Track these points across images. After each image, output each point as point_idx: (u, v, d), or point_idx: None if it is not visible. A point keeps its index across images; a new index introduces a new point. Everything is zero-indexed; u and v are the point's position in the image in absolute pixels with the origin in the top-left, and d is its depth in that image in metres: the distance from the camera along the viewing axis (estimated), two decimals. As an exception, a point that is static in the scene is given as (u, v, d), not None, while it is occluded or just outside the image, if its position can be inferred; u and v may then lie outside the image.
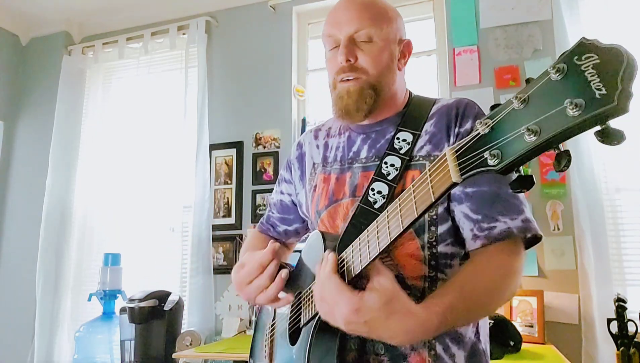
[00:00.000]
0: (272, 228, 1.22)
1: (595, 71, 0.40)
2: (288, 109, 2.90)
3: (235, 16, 3.12)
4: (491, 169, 0.48)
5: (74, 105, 3.29)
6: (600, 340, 2.06)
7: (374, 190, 0.91)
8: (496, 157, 0.47)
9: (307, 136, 1.16)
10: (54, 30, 3.45)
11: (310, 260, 0.93)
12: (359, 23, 0.95)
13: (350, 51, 0.95)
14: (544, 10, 2.48)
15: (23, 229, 3.23)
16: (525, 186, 0.48)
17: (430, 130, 0.95)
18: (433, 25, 2.78)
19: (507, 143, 0.46)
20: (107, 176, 3.20)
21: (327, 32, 1.00)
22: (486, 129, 0.48)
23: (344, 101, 0.96)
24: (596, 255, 2.15)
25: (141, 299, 2.47)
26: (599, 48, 0.41)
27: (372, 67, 0.96)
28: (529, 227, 0.84)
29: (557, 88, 0.43)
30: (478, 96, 2.51)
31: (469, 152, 0.50)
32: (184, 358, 2.21)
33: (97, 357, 2.67)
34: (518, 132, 0.45)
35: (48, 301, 3.01)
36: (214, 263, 2.83)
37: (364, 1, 0.98)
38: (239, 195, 2.89)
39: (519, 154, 0.45)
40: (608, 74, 0.39)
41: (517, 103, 0.45)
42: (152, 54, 3.22)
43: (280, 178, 1.21)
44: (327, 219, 0.99)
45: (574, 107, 0.40)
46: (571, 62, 0.42)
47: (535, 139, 0.43)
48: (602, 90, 0.39)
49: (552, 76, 0.43)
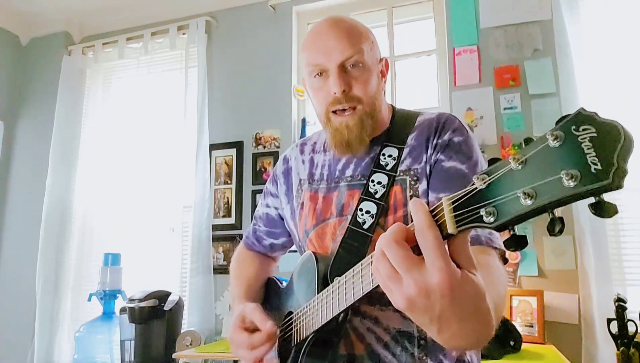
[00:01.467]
0: (257, 242, 1.21)
1: (591, 144, 0.41)
2: (288, 109, 2.90)
3: (235, 16, 3.12)
4: (486, 225, 0.49)
5: (74, 105, 3.29)
6: (600, 340, 2.06)
7: (363, 210, 0.91)
8: (492, 215, 0.48)
9: (293, 151, 1.15)
10: (54, 30, 3.45)
11: (302, 281, 0.93)
12: (349, 50, 0.92)
13: (345, 81, 0.92)
14: (544, 10, 2.48)
15: (23, 229, 3.23)
16: (519, 245, 0.49)
17: (411, 143, 0.96)
18: (433, 25, 2.78)
19: (503, 203, 0.47)
20: (107, 176, 3.20)
21: (312, 62, 0.96)
22: (483, 185, 0.49)
23: (344, 135, 0.95)
24: (596, 254, 2.15)
25: (141, 299, 2.46)
26: (596, 122, 0.42)
27: (366, 94, 0.94)
28: (492, 239, 0.84)
29: (554, 155, 0.44)
30: (478, 95, 2.51)
31: (466, 206, 0.51)
32: (184, 358, 2.22)
33: (97, 357, 2.67)
34: (514, 194, 0.46)
35: (48, 301, 3.01)
36: (214, 263, 2.83)
37: (346, 25, 0.95)
38: (239, 195, 2.90)
39: (515, 216, 0.46)
40: (604, 150, 0.41)
41: (515, 164, 0.47)
42: (152, 54, 3.22)
43: (265, 191, 1.20)
44: (315, 239, 0.99)
45: (570, 178, 0.42)
46: (569, 132, 0.43)
47: (531, 204, 0.45)
48: (598, 165, 0.40)
49: (550, 142, 0.44)
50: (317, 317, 0.83)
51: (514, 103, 2.45)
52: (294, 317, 0.93)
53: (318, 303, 0.83)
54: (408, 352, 0.87)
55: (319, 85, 0.96)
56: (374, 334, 0.89)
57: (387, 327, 0.88)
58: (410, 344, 0.87)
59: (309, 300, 0.88)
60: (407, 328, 0.87)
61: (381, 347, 0.88)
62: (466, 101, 2.52)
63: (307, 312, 0.87)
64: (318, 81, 0.96)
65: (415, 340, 0.87)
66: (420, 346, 0.87)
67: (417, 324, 0.64)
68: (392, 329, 0.88)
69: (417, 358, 0.86)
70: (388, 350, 0.87)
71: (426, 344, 0.87)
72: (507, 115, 2.45)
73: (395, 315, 0.88)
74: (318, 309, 0.83)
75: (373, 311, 0.89)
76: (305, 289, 0.91)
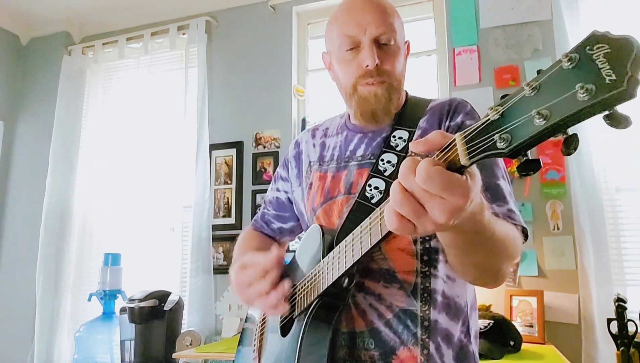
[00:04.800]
0: (266, 225, 1.21)
1: (605, 59, 0.42)
2: (288, 109, 2.90)
3: (235, 16, 3.12)
4: (500, 152, 0.48)
5: (74, 105, 3.29)
6: (600, 340, 2.06)
7: (371, 186, 0.91)
8: (505, 140, 0.48)
9: (304, 134, 1.16)
10: (54, 30, 3.45)
11: (307, 252, 0.92)
12: (383, 26, 0.95)
13: (378, 54, 0.94)
14: (543, 10, 2.48)
15: (23, 229, 3.23)
16: (532, 169, 0.50)
17: (423, 126, 0.97)
18: (433, 25, 2.78)
19: (516, 126, 0.47)
20: (107, 175, 3.20)
21: (345, 32, 0.97)
22: (496, 115, 0.49)
23: (371, 104, 0.96)
24: (596, 255, 2.15)
25: (141, 299, 2.47)
26: (610, 38, 0.43)
27: (395, 70, 0.97)
28: (512, 217, 0.85)
29: (568, 75, 0.44)
30: (478, 95, 2.51)
31: (478, 136, 0.51)
32: (184, 358, 2.22)
33: (97, 357, 2.67)
34: (528, 117, 0.46)
35: (48, 301, 3.01)
36: (214, 263, 2.83)
37: (381, 2, 0.98)
38: (239, 195, 2.90)
39: (529, 137, 0.46)
40: (618, 62, 0.41)
41: (529, 90, 0.46)
42: (152, 54, 3.22)
43: (276, 175, 1.21)
44: (322, 216, 0.99)
45: (585, 92, 0.42)
46: (583, 52, 0.44)
47: (545, 123, 0.44)
48: (612, 76, 0.41)
49: (564, 64, 0.44)
50: (324, 280, 0.82)
51: (514, 103, 2.44)
52: (298, 285, 0.92)
53: (324, 267, 0.83)
54: (410, 331, 0.86)
55: (350, 57, 0.97)
56: (377, 311, 0.88)
57: (390, 304, 0.88)
58: (413, 324, 0.87)
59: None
60: (411, 307, 0.87)
61: (383, 324, 0.87)
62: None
63: (313, 278, 0.86)
64: (351, 54, 0.97)
65: (418, 319, 0.87)
66: (423, 327, 0.86)
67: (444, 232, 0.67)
68: (396, 307, 0.87)
69: (420, 338, 0.86)
70: (390, 327, 0.87)
71: (429, 326, 0.87)
72: (507, 115, 2.45)
73: (400, 292, 0.88)
74: (324, 273, 0.82)
75: (377, 287, 0.89)
76: (310, 260, 0.90)
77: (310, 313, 0.83)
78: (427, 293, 0.88)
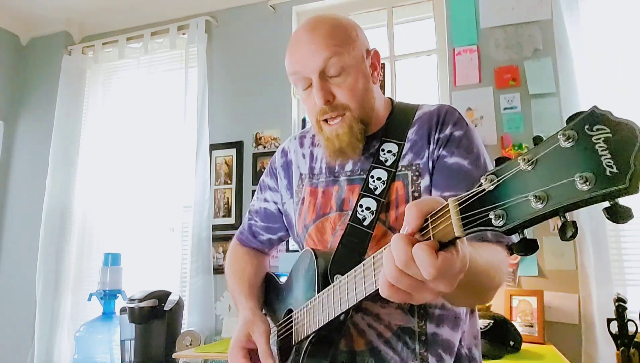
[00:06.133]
0: (253, 237, 1.19)
1: (606, 145, 0.39)
2: (288, 109, 2.90)
3: (235, 16, 3.12)
4: (495, 229, 0.47)
5: (74, 105, 3.29)
6: (600, 340, 2.06)
7: (362, 206, 0.91)
8: (501, 218, 0.46)
9: (292, 143, 1.13)
10: (54, 30, 3.45)
11: (302, 278, 0.93)
12: (326, 55, 0.89)
13: (327, 91, 0.90)
14: (544, 10, 2.48)
15: (23, 229, 3.23)
16: (530, 250, 0.47)
17: (412, 138, 0.94)
18: (433, 25, 2.78)
19: (512, 205, 0.45)
20: (107, 176, 3.20)
21: (293, 72, 0.94)
22: (491, 186, 0.48)
23: (335, 144, 0.93)
24: (596, 255, 2.15)
25: (141, 299, 2.46)
26: (611, 121, 0.40)
27: (353, 100, 0.91)
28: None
29: (566, 156, 0.42)
30: (478, 95, 2.51)
31: (473, 208, 0.49)
32: (184, 358, 2.22)
33: (97, 357, 2.67)
34: (525, 197, 0.44)
35: (48, 301, 3.01)
36: (214, 263, 2.83)
37: (323, 29, 0.91)
38: (239, 195, 2.90)
39: (525, 220, 0.45)
40: (620, 152, 0.39)
41: (525, 165, 0.45)
42: (152, 54, 3.22)
43: (262, 184, 1.17)
44: (315, 234, 0.98)
45: (584, 181, 0.39)
46: (582, 131, 0.41)
47: (542, 207, 0.43)
48: (614, 168, 0.38)
49: (562, 142, 0.42)
50: (318, 316, 0.82)
51: (514, 103, 2.45)
52: (294, 315, 0.93)
53: (319, 302, 0.83)
54: (409, 348, 0.87)
55: (305, 96, 0.95)
56: (375, 330, 0.89)
57: (389, 323, 0.88)
58: (411, 340, 0.87)
59: (309, 297, 0.88)
60: (408, 324, 0.88)
61: (382, 343, 0.88)
62: (466, 101, 2.52)
63: (308, 311, 0.86)
64: (305, 93, 0.94)
65: (416, 335, 0.87)
66: (421, 342, 0.87)
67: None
68: (394, 325, 0.88)
69: (418, 353, 0.86)
70: (389, 346, 0.88)
71: (427, 340, 0.87)
72: (507, 115, 2.45)
73: (397, 311, 0.88)
74: (319, 308, 0.83)
75: (374, 307, 0.89)
76: (305, 286, 0.91)
77: (307, 348, 0.85)
78: (422, 309, 0.88)
